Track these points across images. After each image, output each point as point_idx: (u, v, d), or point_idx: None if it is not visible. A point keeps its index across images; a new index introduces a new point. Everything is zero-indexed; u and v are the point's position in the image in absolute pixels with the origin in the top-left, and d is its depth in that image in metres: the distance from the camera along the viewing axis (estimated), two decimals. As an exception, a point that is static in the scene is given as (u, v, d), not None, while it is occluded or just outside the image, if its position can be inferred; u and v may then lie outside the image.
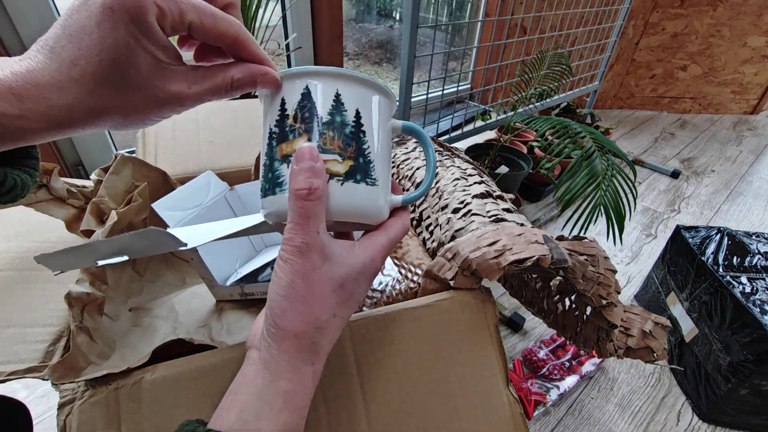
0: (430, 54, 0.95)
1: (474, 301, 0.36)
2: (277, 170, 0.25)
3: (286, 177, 0.24)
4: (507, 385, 0.35)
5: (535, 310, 0.57)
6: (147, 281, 0.47)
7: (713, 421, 0.79)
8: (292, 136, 0.24)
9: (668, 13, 2.04)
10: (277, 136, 0.25)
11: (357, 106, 0.25)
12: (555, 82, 1.15)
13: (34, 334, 0.34)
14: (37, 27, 0.83)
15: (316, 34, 1.23)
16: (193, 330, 0.41)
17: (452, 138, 1.17)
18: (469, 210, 0.44)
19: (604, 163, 0.83)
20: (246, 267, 0.46)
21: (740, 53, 2.06)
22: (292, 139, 0.24)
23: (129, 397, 0.28)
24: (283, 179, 0.24)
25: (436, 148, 0.59)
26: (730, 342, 0.73)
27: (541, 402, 0.78)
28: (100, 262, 0.28)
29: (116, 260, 0.28)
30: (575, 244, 0.40)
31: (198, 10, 0.21)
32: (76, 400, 0.28)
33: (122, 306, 0.41)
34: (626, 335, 0.39)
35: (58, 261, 0.26)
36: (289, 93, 0.24)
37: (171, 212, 0.44)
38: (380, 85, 0.26)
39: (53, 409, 0.28)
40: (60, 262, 0.26)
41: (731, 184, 1.65)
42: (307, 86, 0.24)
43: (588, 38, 1.50)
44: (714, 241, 0.87)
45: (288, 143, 0.24)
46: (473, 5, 1.88)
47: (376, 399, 0.32)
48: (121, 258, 0.28)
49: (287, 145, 0.24)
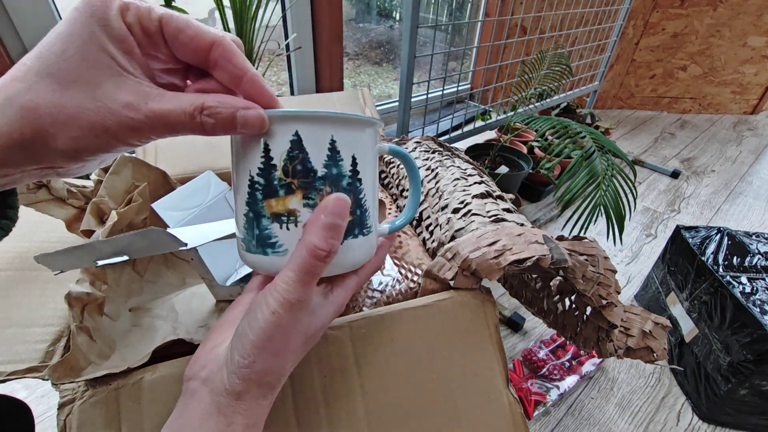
0: (430, 54, 0.95)
1: (474, 301, 0.36)
2: (267, 229, 0.22)
3: (279, 238, 0.22)
4: (507, 385, 0.35)
5: (535, 310, 0.57)
6: (147, 281, 0.47)
7: (713, 421, 0.79)
8: (284, 192, 0.21)
9: (668, 13, 2.04)
10: (262, 188, 0.22)
11: (353, 152, 0.23)
12: (555, 82, 1.15)
13: (34, 334, 0.34)
14: (38, 27, 0.83)
15: (316, 34, 1.23)
16: (193, 330, 0.41)
17: (452, 138, 1.17)
18: (469, 210, 0.44)
19: (604, 163, 0.83)
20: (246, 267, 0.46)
21: (740, 53, 2.06)
22: (283, 196, 0.21)
23: (129, 397, 0.28)
24: (276, 240, 0.22)
25: (436, 148, 0.59)
26: (730, 342, 0.73)
27: (541, 402, 0.78)
28: (100, 263, 0.28)
29: (116, 260, 0.28)
30: (575, 244, 0.40)
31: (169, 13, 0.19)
32: (76, 400, 0.28)
33: (122, 306, 0.41)
34: (626, 335, 0.39)
35: (58, 261, 0.26)
36: (275, 138, 0.21)
37: (171, 212, 0.44)
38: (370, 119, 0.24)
39: (53, 409, 0.28)
40: (60, 262, 0.26)
41: (731, 184, 1.65)
42: (297, 132, 0.21)
43: (588, 38, 1.50)
44: (714, 241, 0.87)
45: (279, 200, 0.21)
46: (473, 5, 1.88)
47: (376, 399, 0.32)
48: (121, 258, 0.28)
49: (278, 202, 0.22)
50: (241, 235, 0.24)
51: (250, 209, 0.22)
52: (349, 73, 1.91)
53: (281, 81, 1.50)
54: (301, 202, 0.22)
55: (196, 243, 0.27)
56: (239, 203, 0.23)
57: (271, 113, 0.21)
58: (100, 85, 0.18)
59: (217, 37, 0.20)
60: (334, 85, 1.32)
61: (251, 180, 0.22)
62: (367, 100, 0.69)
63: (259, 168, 0.21)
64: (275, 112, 0.21)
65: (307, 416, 0.30)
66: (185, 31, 0.19)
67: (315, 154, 0.21)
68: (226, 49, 0.20)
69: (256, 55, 0.97)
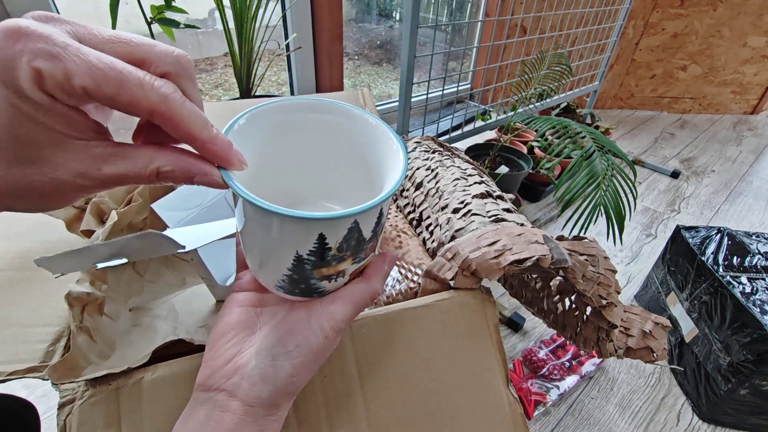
0: (430, 54, 0.95)
1: (474, 301, 0.36)
2: (315, 285, 0.23)
3: (326, 289, 0.24)
4: (507, 385, 0.35)
5: (535, 310, 0.57)
6: (147, 281, 0.47)
7: (713, 421, 0.79)
8: (336, 262, 0.22)
9: (668, 13, 2.04)
10: (312, 263, 0.22)
11: (386, 210, 0.24)
12: (555, 82, 1.15)
13: (34, 334, 0.34)
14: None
15: (316, 34, 1.23)
16: (193, 330, 0.41)
17: (452, 138, 1.17)
18: (469, 210, 0.44)
19: (604, 163, 0.83)
20: None
21: (740, 53, 2.06)
22: (335, 264, 0.22)
23: (129, 397, 0.28)
24: (323, 290, 0.24)
25: (436, 148, 0.59)
26: (730, 342, 0.73)
27: (541, 402, 0.78)
28: (100, 265, 0.28)
29: (115, 263, 0.28)
30: (575, 244, 0.40)
31: (93, 72, 0.16)
32: (76, 400, 0.28)
33: (122, 306, 0.41)
34: (626, 335, 0.39)
35: (58, 264, 0.26)
36: (332, 229, 0.21)
37: (171, 212, 0.44)
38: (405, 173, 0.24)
39: (53, 409, 0.28)
40: (59, 265, 0.26)
41: (731, 184, 1.65)
42: (356, 221, 0.21)
43: (588, 38, 1.50)
44: (714, 241, 0.87)
45: (330, 267, 0.22)
46: (473, 5, 1.88)
47: (376, 399, 0.32)
48: (119, 261, 0.28)
49: (329, 269, 0.23)
50: (275, 282, 0.24)
51: (295, 274, 0.23)
52: (349, 73, 1.91)
53: (281, 81, 1.50)
54: (352, 265, 0.23)
55: (195, 245, 0.27)
56: (280, 268, 0.23)
57: (332, 216, 0.20)
58: (44, 159, 0.17)
59: (157, 100, 0.17)
60: (334, 85, 1.32)
61: (298, 257, 0.21)
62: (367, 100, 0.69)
63: (311, 250, 0.21)
64: (335, 214, 0.20)
65: (307, 416, 0.30)
66: (117, 99, 0.16)
67: (366, 228, 0.22)
68: (169, 117, 0.18)
69: (256, 55, 0.97)
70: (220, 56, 1.43)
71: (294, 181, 0.29)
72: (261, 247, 0.23)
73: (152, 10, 0.81)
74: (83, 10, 0.99)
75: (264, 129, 0.25)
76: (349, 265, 0.23)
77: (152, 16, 0.81)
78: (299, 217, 0.19)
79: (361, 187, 0.28)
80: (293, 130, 0.27)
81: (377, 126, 0.26)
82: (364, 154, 0.27)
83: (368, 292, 0.24)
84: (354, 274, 0.25)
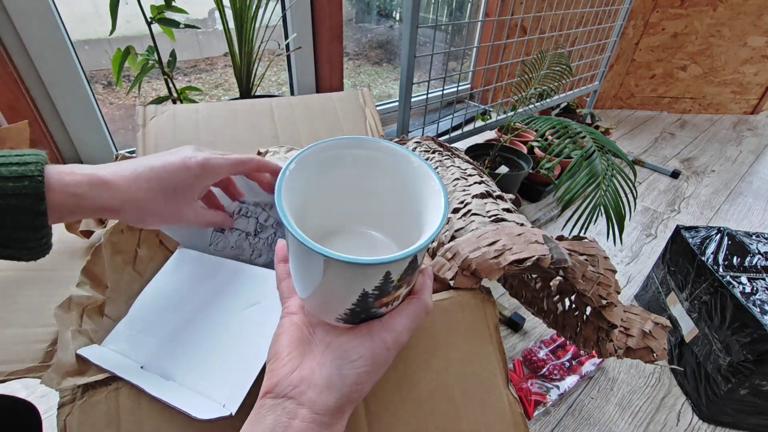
0: (430, 54, 0.95)
1: (474, 301, 0.36)
2: (375, 312, 0.26)
3: (384, 313, 0.26)
4: (507, 385, 0.35)
5: (535, 310, 0.57)
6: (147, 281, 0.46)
7: (713, 421, 0.79)
8: (395, 291, 0.24)
9: (668, 13, 2.04)
10: (375, 296, 0.24)
11: None
12: (555, 82, 1.15)
13: (34, 334, 0.34)
14: (38, 27, 0.83)
15: (316, 34, 1.23)
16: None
17: (452, 138, 1.17)
18: (469, 210, 0.44)
19: (604, 163, 0.83)
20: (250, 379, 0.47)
21: (740, 53, 2.06)
22: (393, 293, 0.24)
23: (129, 397, 0.28)
24: (382, 314, 0.26)
25: (436, 148, 0.59)
26: (730, 342, 0.73)
27: (541, 402, 0.78)
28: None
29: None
30: (575, 244, 0.40)
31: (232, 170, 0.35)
32: (76, 400, 0.28)
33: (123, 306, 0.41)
34: (626, 335, 0.39)
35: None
36: (395, 265, 0.22)
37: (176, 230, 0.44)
38: None
39: (53, 409, 0.28)
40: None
41: (731, 184, 1.65)
42: (415, 256, 0.23)
43: (588, 38, 1.50)
44: (714, 241, 0.87)
45: (389, 296, 0.24)
46: (473, 5, 1.88)
47: (376, 399, 0.32)
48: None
49: (389, 297, 0.25)
50: (335, 316, 0.26)
51: (358, 307, 0.24)
52: (349, 73, 1.91)
53: (281, 81, 1.50)
54: (406, 289, 0.26)
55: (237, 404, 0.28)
56: (344, 304, 0.24)
57: (401, 256, 0.22)
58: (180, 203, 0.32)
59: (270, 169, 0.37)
60: (334, 85, 1.32)
61: (364, 293, 0.23)
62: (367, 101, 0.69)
63: (377, 286, 0.23)
64: (403, 254, 0.22)
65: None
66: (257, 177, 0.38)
67: (420, 258, 0.24)
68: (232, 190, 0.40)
69: (256, 55, 0.97)
70: (220, 56, 1.43)
71: (334, 211, 0.31)
72: (329, 293, 0.24)
73: (152, 10, 0.81)
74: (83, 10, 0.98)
75: (311, 167, 0.28)
76: (405, 290, 0.26)
77: (152, 16, 0.81)
78: (376, 263, 0.21)
79: (396, 215, 0.30)
80: (338, 165, 0.29)
81: (420, 165, 0.28)
82: (404, 186, 0.29)
83: (421, 305, 0.27)
84: (406, 296, 0.27)
